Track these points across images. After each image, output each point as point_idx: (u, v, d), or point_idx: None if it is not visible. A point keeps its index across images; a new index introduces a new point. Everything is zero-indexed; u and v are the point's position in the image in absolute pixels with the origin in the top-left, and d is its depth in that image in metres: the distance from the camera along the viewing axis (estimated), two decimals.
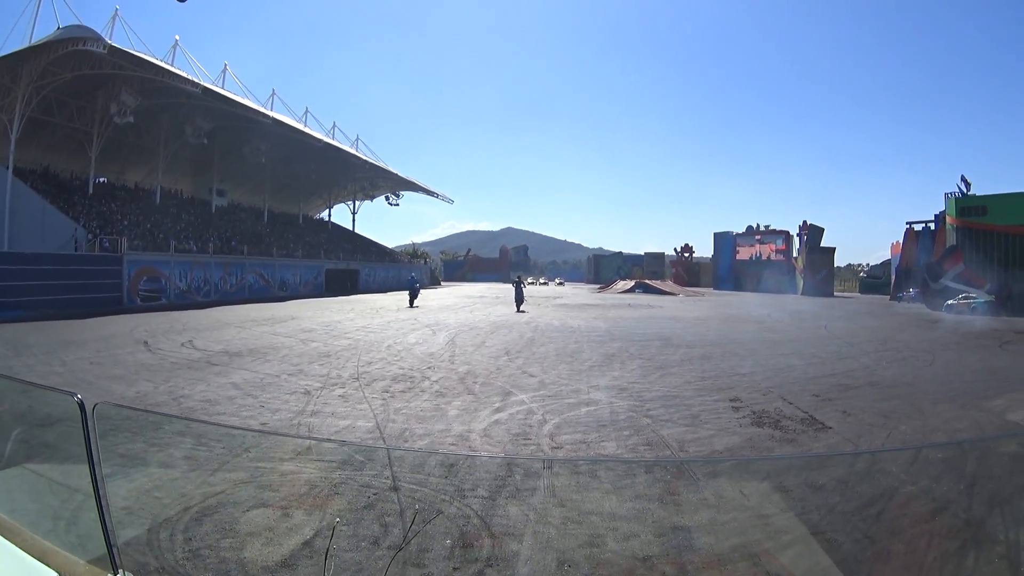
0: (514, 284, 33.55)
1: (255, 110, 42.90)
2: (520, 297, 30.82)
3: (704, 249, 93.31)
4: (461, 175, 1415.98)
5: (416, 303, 33.36)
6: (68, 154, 39.13)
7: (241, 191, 55.38)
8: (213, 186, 50.24)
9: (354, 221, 69.88)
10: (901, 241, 60.60)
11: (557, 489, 4.64)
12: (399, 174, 64.38)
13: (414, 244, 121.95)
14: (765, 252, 77.84)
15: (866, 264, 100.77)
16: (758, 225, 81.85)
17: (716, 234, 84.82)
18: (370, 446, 6.63)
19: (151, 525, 3.96)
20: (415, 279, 38.69)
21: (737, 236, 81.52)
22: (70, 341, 15.61)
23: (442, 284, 78.37)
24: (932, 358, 14.80)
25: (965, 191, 45.79)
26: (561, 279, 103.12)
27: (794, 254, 75.70)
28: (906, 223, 59.95)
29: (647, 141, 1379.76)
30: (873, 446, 6.98)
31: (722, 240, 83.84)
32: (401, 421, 7.69)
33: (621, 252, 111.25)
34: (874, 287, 75.15)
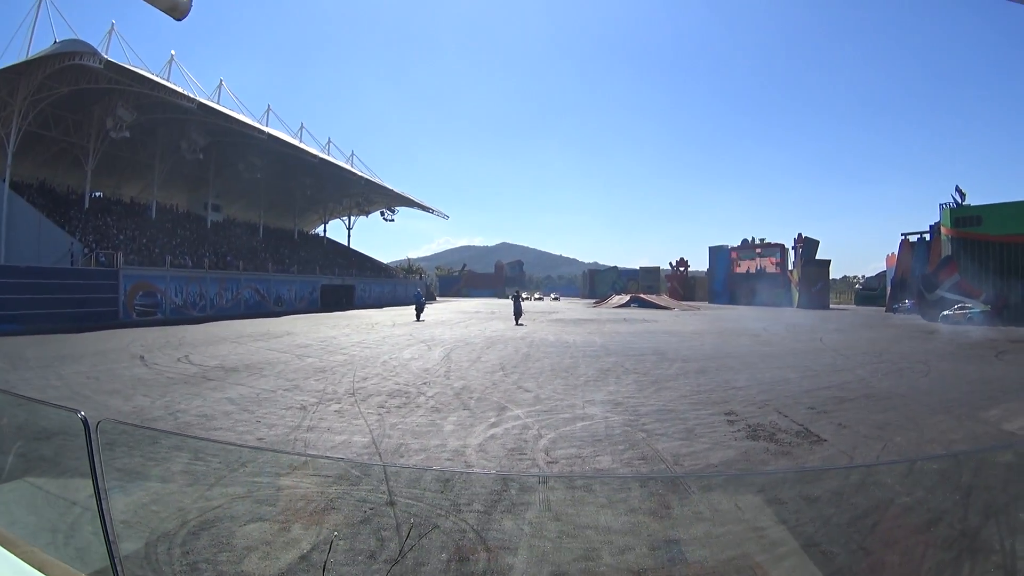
0: (513, 299, 35.04)
1: (250, 125, 43.05)
2: (518, 311, 32.54)
3: (699, 263, 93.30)
4: (456, 190, 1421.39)
5: (422, 317, 35.05)
6: (64, 168, 39.25)
7: (236, 206, 55.43)
8: (208, 201, 50.28)
9: (349, 236, 70.02)
10: (896, 252, 60.77)
11: (552, 503, 4.65)
12: (394, 189, 64.57)
13: (409, 259, 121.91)
14: (767, 265, 78.01)
15: (861, 276, 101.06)
16: (753, 239, 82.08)
17: (711, 248, 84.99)
18: (366, 461, 6.62)
19: (149, 539, 3.97)
20: (420, 294, 39.99)
21: (737, 250, 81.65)
22: (67, 355, 15.59)
23: (437, 299, 78.31)
24: (928, 369, 14.84)
25: (960, 201, 45.97)
26: (556, 294, 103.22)
27: (789, 267, 75.90)
28: (901, 234, 60.22)
29: (642, 156, 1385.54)
30: (868, 458, 6.98)
31: (717, 254, 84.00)
32: (397, 436, 7.68)
33: (616, 267, 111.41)
34: (870, 299, 75.33)
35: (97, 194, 41.54)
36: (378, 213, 69.88)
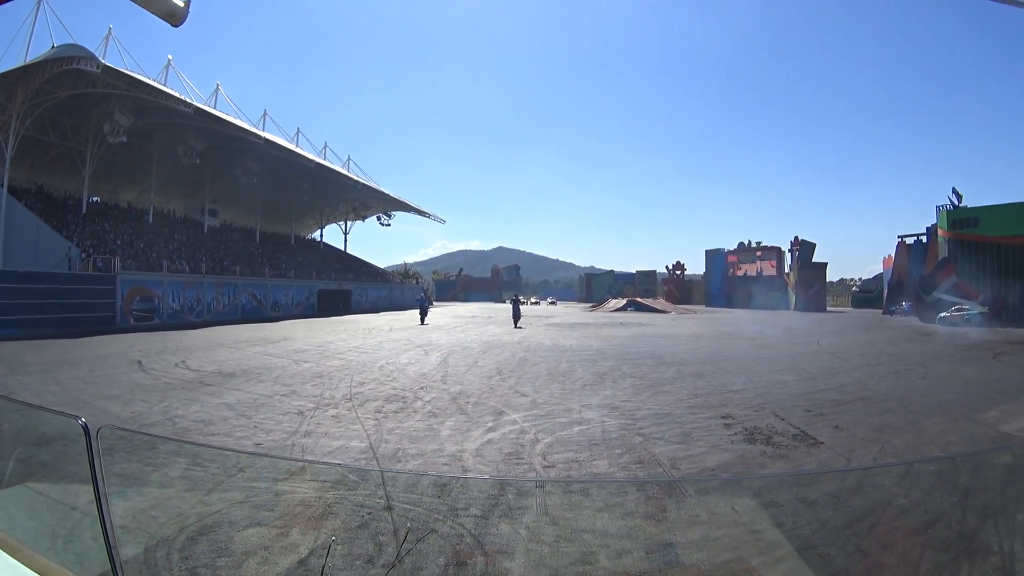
0: (512, 302, 36.55)
1: (247, 130, 43.10)
2: (517, 314, 34.03)
3: (696, 266, 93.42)
4: (452, 195, 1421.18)
5: (427, 320, 36.35)
6: (62, 173, 39.22)
7: (233, 211, 55.44)
8: (205, 206, 50.29)
9: (346, 241, 70.26)
10: (893, 254, 60.83)
11: (549, 508, 4.66)
12: (390, 194, 64.60)
13: (406, 264, 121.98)
14: (766, 268, 78.04)
15: (858, 278, 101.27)
16: (749, 242, 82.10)
17: (708, 251, 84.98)
18: (363, 467, 6.63)
19: (148, 544, 3.98)
20: (424, 299, 41.08)
21: (736, 253, 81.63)
22: (64, 360, 15.61)
23: (434, 304, 78.29)
24: (925, 371, 14.86)
25: (956, 203, 45.95)
26: (553, 298, 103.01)
27: (786, 270, 75.94)
28: (898, 236, 60.23)
29: (638, 160, 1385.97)
30: (865, 460, 6.97)
31: (714, 257, 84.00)
32: (394, 441, 7.69)
33: (613, 270, 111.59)
34: (867, 301, 75.48)
35: (94, 199, 41.59)
36: (374, 218, 70.04)
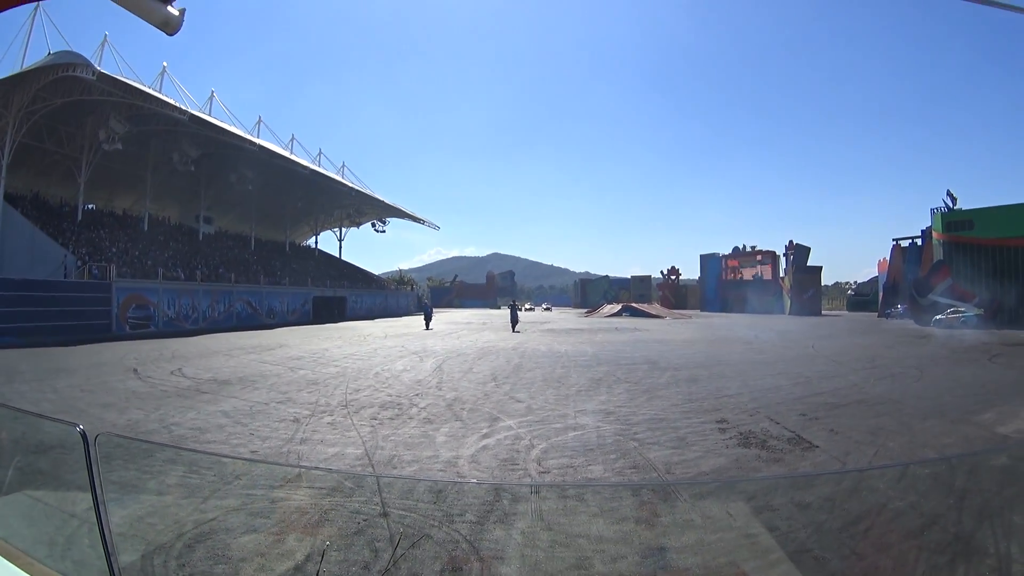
0: (510, 308, 38.25)
1: (242, 137, 43.09)
2: (515, 319, 35.93)
3: (691, 271, 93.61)
4: (447, 201, 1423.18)
5: (431, 325, 38.11)
6: (58, 180, 39.12)
7: (228, 218, 55.33)
8: (200, 213, 50.20)
9: (341, 248, 69.96)
10: (888, 257, 61.09)
11: (545, 513, 4.68)
12: (385, 201, 64.63)
13: (401, 271, 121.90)
14: (766, 272, 78.24)
15: (853, 282, 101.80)
16: (744, 246, 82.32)
17: (702, 256, 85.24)
18: (359, 473, 6.63)
19: (145, 551, 4.00)
20: (428, 304, 44.00)
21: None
22: (61, 368, 15.59)
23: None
24: (920, 374, 14.91)
25: (951, 206, 46.20)
26: (548, 304, 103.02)
27: (781, 274, 76.11)
28: (893, 239, 60.60)
29: (632, 165, 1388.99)
30: (860, 463, 6.97)
31: (708, 262, 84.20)
32: (390, 448, 7.69)
33: (608, 276, 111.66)
34: (862, 304, 75.77)
35: (90, 206, 41.54)
36: (369, 224, 69.93)
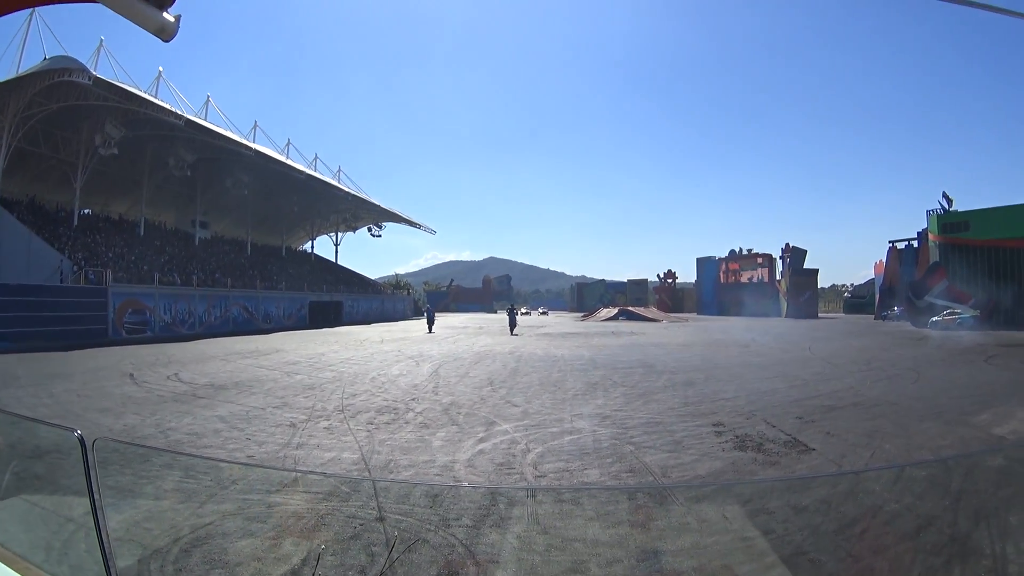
0: (508, 312, 39.28)
1: (237, 142, 43.14)
2: (513, 322, 37.34)
3: (687, 275, 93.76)
4: (443, 205, 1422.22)
5: (433, 329, 38.87)
6: (53, 185, 39.08)
7: (224, 223, 55.27)
8: (196, 218, 50.09)
9: (337, 252, 69.95)
10: (884, 260, 61.26)
11: (541, 517, 4.70)
12: (381, 205, 64.58)
13: (397, 275, 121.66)
14: (764, 275, 78.36)
15: (850, 284, 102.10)
16: (741, 249, 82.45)
17: (699, 259, 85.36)
18: (355, 477, 6.62)
19: (142, 556, 4.01)
20: (431, 309, 44.01)
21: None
22: (57, 373, 15.58)
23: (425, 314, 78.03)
24: (917, 376, 14.92)
25: (947, 207, 46.31)
26: (544, 308, 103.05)
27: (777, 277, 76.23)
28: (889, 241, 60.88)
29: (628, 169, 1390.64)
30: (856, 466, 6.97)
31: (705, 265, 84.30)
32: (386, 452, 7.69)
33: (604, 280, 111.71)
34: (858, 307, 75.91)
35: (86, 211, 41.43)
36: (365, 229, 69.89)
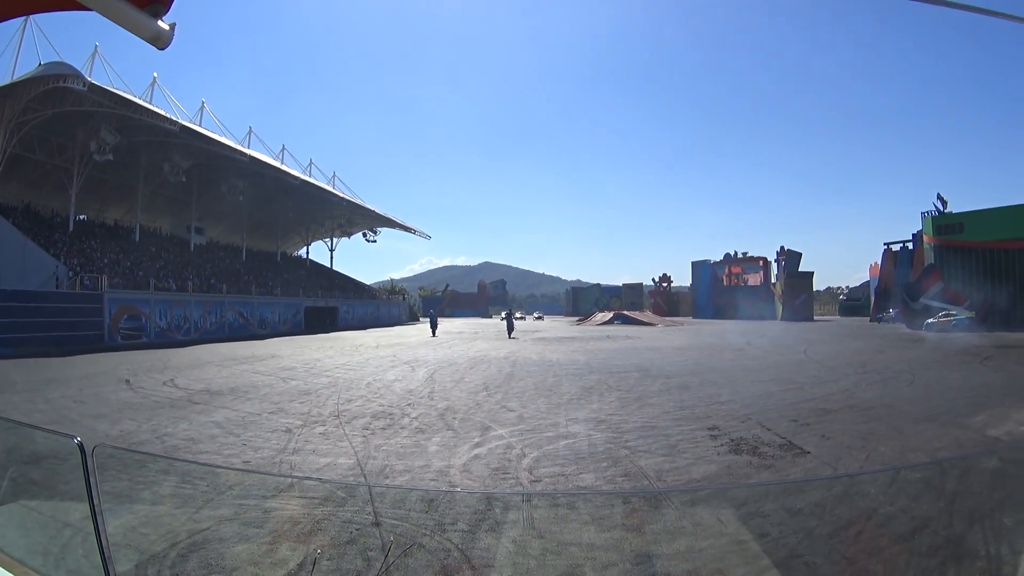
0: (506, 316, 41.66)
1: (232, 148, 43.17)
2: (511, 326, 38.93)
3: (682, 278, 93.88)
4: (438, 211, 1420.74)
5: (436, 333, 39.93)
6: (49, 191, 39.09)
7: (219, 229, 55.28)
8: (191, 224, 50.08)
9: (332, 258, 70.04)
10: (879, 262, 61.46)
11: (536, 521, 4.70)
12: (376, 211, 64.71)
13: (392, 280, 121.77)
14: (754, 279, 78.54)
15: (845, 287, 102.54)
16: (736, 252, 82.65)
17: (694, 263, 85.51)
18: (351, 483, 6.63)
19: (139, 561, 4.01)
20: (434, 313, 45.84)
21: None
22: (53, 379, 15.58)
23: (420, 320, 78.05)
24: (912, 378, 14.96)
25: (942, 209, 46.36)
26: (540, 313, 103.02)
27: (772, 280, 76.41)
28: (884, 244, 61.13)
29: (623, 174, 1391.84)
30: (851, 469, 6.99)
31: (700, 269, 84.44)
32: (382, 458, 7.70)
33: (599, 284, 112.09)
34: (854, 309, 76.30)
35: (81, 217, 41.43)
36: (360, 234, 69.99)
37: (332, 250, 69.54)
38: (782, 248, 74.57)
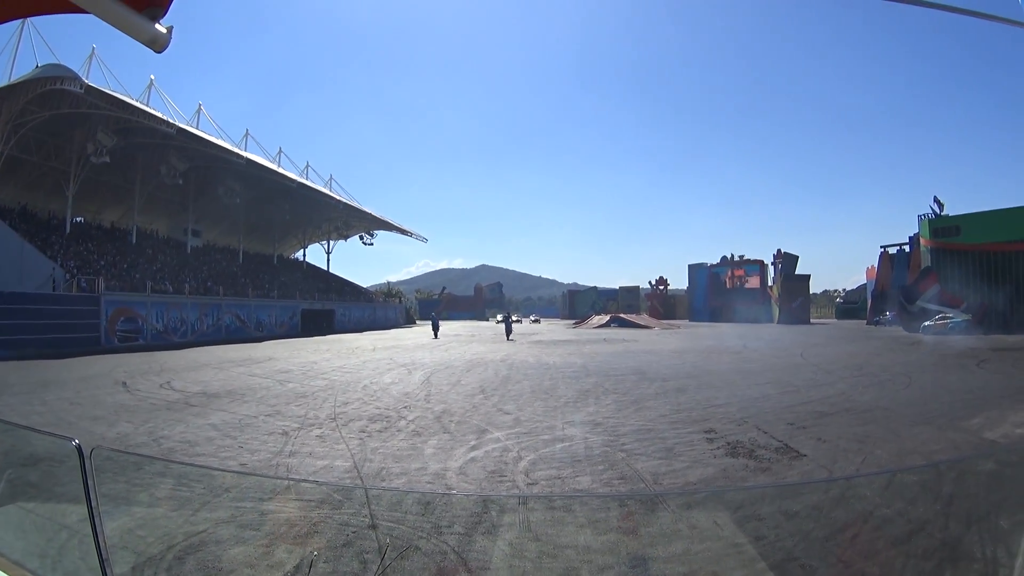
0: (504, 319, 42.46)
1: (229, 150, 43.13)
2: (509, 329, 39.29)
3: (679, 282, 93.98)
4: (435, 213, 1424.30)
5: (438, 335, 41.00)
6: (46, 193, 39.03)
7: (216, 231, 55.22)
8: (188, 226, 50.06)
9: (329, 261, 69.91)
10: (876, 265, 61.54)
11: (533, 524, 4.69)
12: (373, 213, 64.74)
13: (389, 283, 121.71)
14: (751, 282, 78.62)
15: (842, 290, 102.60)
16: (732, 255, 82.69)
17: (691, 266, 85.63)
18: (348, 485, 6.62)
19: (136, 563, 4.01)
20: (436, 316, 46.92)
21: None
22: (50, 381, 15.55)
23: (417, 323, 78.00)
24: (909, 381, 14.95)
25: (938, 212, 46.34)
26: (536, 316, 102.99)
27: (769, 283, 76.47)
28: (880, 246, 61.21)
29: (620, 177, 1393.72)
30: (848, 471, 6.98)
31: (697, 272, 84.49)
32: (378, 460, 7.69)
33: (596, 287, 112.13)
34: (850, 312, 76.30)
35: (78, 219, 41.35)
36: (357, 237, 69.93)
37: (329, 253, 69.75)
38: (779, 251, 74.64)
